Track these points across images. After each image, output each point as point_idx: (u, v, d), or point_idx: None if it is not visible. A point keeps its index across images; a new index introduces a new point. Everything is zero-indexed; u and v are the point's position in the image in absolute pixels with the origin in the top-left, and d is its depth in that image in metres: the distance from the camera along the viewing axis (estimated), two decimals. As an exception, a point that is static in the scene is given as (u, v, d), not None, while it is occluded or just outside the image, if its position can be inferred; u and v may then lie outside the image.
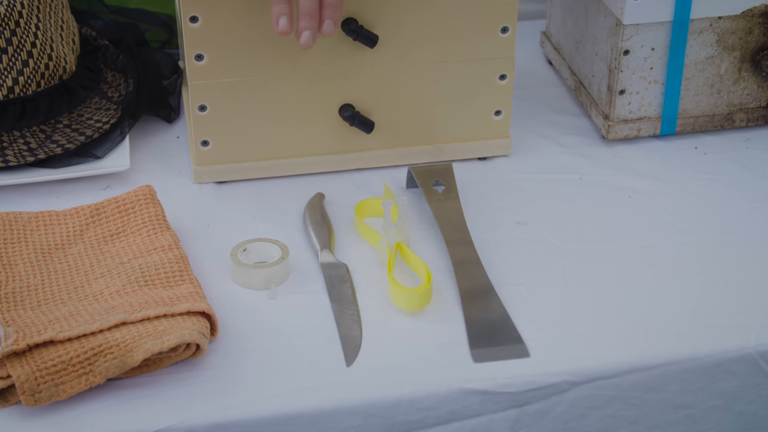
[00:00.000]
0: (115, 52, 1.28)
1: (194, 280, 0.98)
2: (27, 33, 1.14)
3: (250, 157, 1.16)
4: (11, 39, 1.13)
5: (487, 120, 1.19)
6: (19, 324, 0.92)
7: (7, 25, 1.12)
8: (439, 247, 1.07)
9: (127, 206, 1.06)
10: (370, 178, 1.18)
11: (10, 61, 1.14)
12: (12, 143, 1.15)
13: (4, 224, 1.04)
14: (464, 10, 1.12)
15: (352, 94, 1.14)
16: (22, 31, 1.14)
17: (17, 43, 1.14)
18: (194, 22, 1.08)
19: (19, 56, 1.14)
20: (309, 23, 1.01)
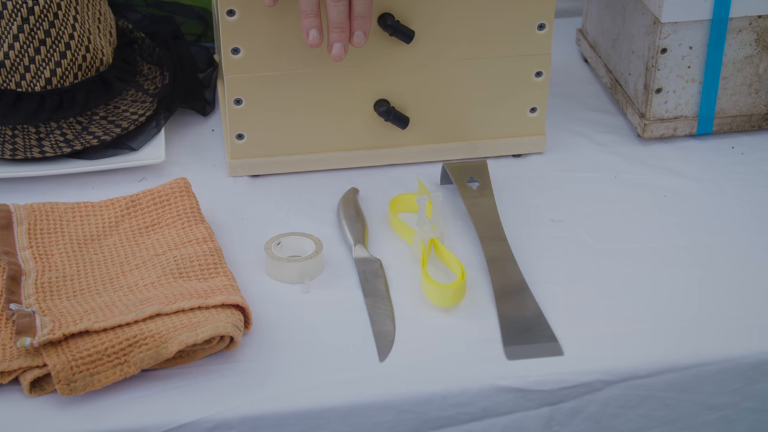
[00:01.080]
0: (151, 45, 1.28)
1: (228, 273, 0.98)
2: (65, 25, 1.15)
3: (284, 151, 1.16)
4: (49, 31, 1.14)
5: (522, 117, 1.18)
6: (54, 314, 0.93)
7: (46, 17, 1.13)
8: (472, 243, 1.07)
9: (163, 198, 1.07)
10: (404, 173, 1.17)
11: (48, 53, 1.15)
12: (49, 134, 1.16)
13: (41, 214, 1.05)
14: (501, 6, 1.11)
15: (388, 89, 1.14)
16: (60, 23, 1.14)
17: (55, 35, 1.14)
18: (231, 16, 1.08)
19: (57, 48, 1.15)
20: (339, 36, 1.02)
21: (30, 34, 1.13)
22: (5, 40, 1.13)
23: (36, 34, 1.13)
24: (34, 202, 1.07)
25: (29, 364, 0.88)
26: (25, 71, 1.15)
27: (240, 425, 0.87)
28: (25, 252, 1.01)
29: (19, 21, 1.13)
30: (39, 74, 1.15)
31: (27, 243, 1.02)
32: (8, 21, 1.13)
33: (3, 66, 1.14)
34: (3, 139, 1.15)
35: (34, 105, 1.16)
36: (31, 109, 1.16)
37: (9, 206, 1.05)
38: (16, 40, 1.13)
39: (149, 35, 1.30)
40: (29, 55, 1.14)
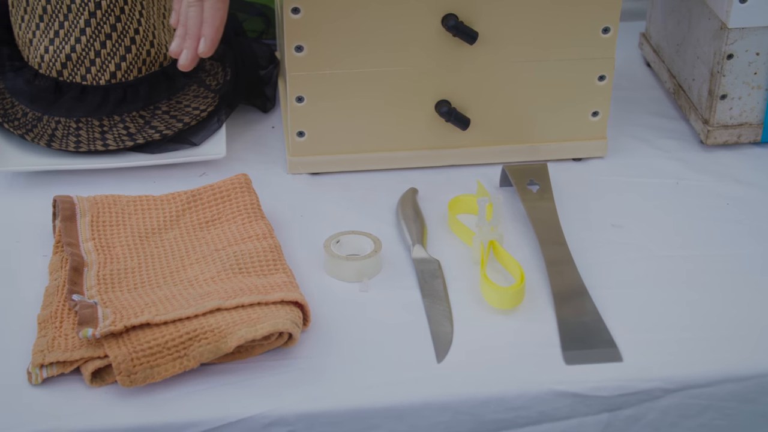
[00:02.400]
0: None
1: (288, 270, 0.99)
2: (131, 20, 1.16)
3: (344, 150, 1.16)
4: (115, 26, 1.15)
5: (583, 121, 1.18)
6: (116, 305, 0.93)
7: (112, 12, 1.14)
8: (531, 246, 1.06)
9: (223, 194, 1.07)
10: (464, 174, 1.17)
11: (113, 48, 1.16)
12: (112, 128, 1.17)
13: (104, 207, 1.06)
14: (566, 9, 1.11)
15: (449, 90, 1.14)
16: (126, 18, 1.15)
17: (121, 29, 1.15)
18: (296, 14, 1.09)
19: (122, 43, 1.16)
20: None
21: (96, 29, 1.15)
22: (72, 34, 1.14)
23: (102, 29, 1.15)
24: (97, 194, 1.08)
25: (91, 355, 0.89)
26: (91, 65, 1.16)
27: (296, 422, 0.87)
28: (88, 244, 1.02)
29: (86, 15, 1.14)
30: (104, 68, 1.16)
31: (89, 235, 1.03)
32: (76, 15, 1.14)
33: (69, 59, 1.16)
34: (67, 132, 1.16)
35: (99, 98, 1.17)
36: (96, 102, 1.17)
37: (73, 198, 1.06)
38: (83, 35, 1.15)
39: None
40: (95, 49, 1.15)
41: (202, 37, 1.01)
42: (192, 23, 1.01)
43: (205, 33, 1.01)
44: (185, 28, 1.02)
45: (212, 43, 1.01)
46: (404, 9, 1.09)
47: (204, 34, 1.01)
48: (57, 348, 0.90)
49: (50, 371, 0.89)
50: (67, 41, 1.15)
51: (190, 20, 1.01)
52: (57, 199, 1.06)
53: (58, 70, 1.17)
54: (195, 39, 1.01)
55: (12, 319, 0.96)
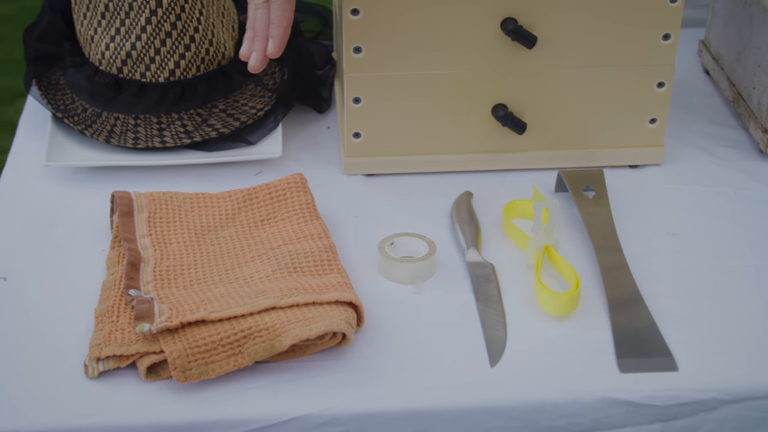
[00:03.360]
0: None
1: (342, 270, 0.99)
2: (191, 19, 1.17)
3: (400, 152, 1.16)
4: (176, 23, 1.16)
5: (641, 127, 1.17)
6: (172, 301, 0.94)
7: (173, 10, 1.15)
8: (586, 252, 1.06)
9: (279, 193, 1.08)
10: (519, 179, 1.17)
11: (173, 46, 1.17)
12: (170, 125, 1.18)
13: (161, 203, 1.07)
14: (626, 14, 1.10)
15: (506, 93, 1.14)
16: (186, 17, 1.16)
17: (181, 27, 1.16)
18: (355, 15, 1.09)
19: (182, 41, 1.17)
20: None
21: (157, 27, 1.16)
22: (133, 31, 1.16)
23: (162, 27, 1.16)
24: (155, 191, 1.09)
25: (146, 350, 0.90)
26: (150, 62, 1.17)
27: (349, 422, 0.88)
28: (145, 239, 1.03)
29: (147, 13, 1.15)
30: (163, 66, 1.17)
31: (147, 230, 1.04)
32: (137, 13, 1.15)
33: (129, 57, 1.17)
34: (126, 128, 1.17)
35: (157, 95, 1.18)
36: (154, 99, 1.18)
37: (131, 194, 1.07)
38: (144, 32, 1.16)
39: None
40: (155, 47, 1.16)
41: (270, 38, 1.02)
42: (260, 25, 1.02)
43: (272, 34, 1.02)
44: (254, 31, 1.02)
45: (280, 44, 1.02)
46: (464, 12, 1.09)
47: (272, 36, 1.02)
48: (113, 342, 0.91)
49: (107, 365, 0.90)
50: (127, 39, 1.16)
51: (258, 22, 1.02)
52: (115, 195, 1.07)
53: (118, 67, 1.18)
54: (263, 40, 1.02)
55: (70, 312, 0.97)
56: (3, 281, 1.01)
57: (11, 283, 1.01)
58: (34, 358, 0.92)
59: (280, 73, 1.25)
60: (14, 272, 1.02)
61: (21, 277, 1.01)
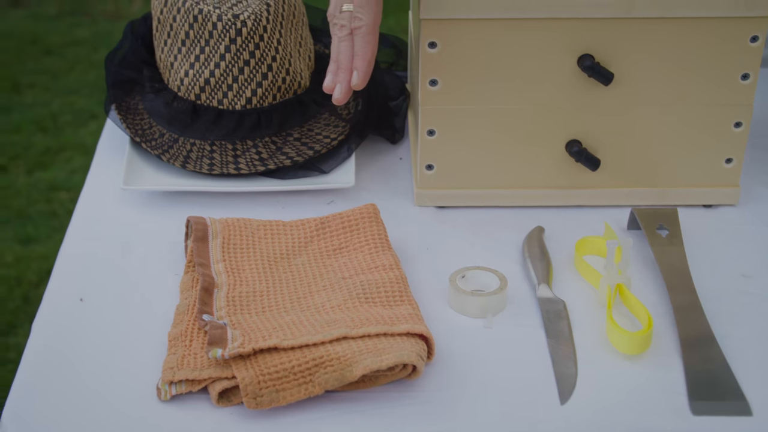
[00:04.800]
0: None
1: (413, 302, 0.99)
2: (269, 47, 1.18)
3: (472, 185, 1.16)
4: (254, 52, 1.18)
5: (716, 167, 1.16)
6: (244, 328, 0.95)
7: (252, 39, 1.17)
8: (659, 291, 1.05)
9: (352, 223, 1.08)
10: (591, 215, 1.16)
11: (250, 74, 1.18)
12: (245, 152, 1.19)
13: (235, 230, 1.08)
14: (705, 53, 1.09)
15: (581, 129, 1.14)
16: (265, 45, 1.18)
17: (259, 56, 1.18)
18: (432, 48, 1.09)
19: (260, 69, 1.18)
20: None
21: (235, 55, 1.17)
22: (212, 59, 1.17)
23: (241, 56, 1.17)
24: (229, 217, 1.10)
25: (219, 375, 0.91)
26: (228, 90, 1.19)
27: (418, 455, 0.88)
28: (219, 265, 1.04)
29: (226, 42, 1.17)
30: (240, 93, 1.19)
31: (221, 256, 1.05)
32: (217, 41, 1.17)
33: (207, 84, 1.19)
34: (202, 154, 1.19)
35: (233, 122, 1.20)
36: (230, 126, 1.20)
37: (206, 220, 1.09)
38: (222, 60, 1.17)
39: None
40: (233, 75, 1.18)
41: (354, 70, 1.03)
42: (344, 57, 1.03)
43: (357, 66, 1.03)
44: (337, 63, 1.04)
45: (365, 76, 1.03)
46: (541, 47, 1.09)
47: (356, 68, 1.03)
48: (186, 366, 0.92)
49: (179, 388, 0.91)
50: (206, 66, 1.18)
51: (342, 54, 1.03)
52: (191, 220, 1.08)
53: (196, 93, 1.20)
54: (348, 72, 1.03)
55: (144, 335, 0.98)
56: (80, 302, 1.02)
57: (88, 304, 1.02)
58: (108, 379, 0.93)
59: (354, 103, 1.26)
60: (91, 294, 1.04)
61: (97, 299, 1.03)
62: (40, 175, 2.61)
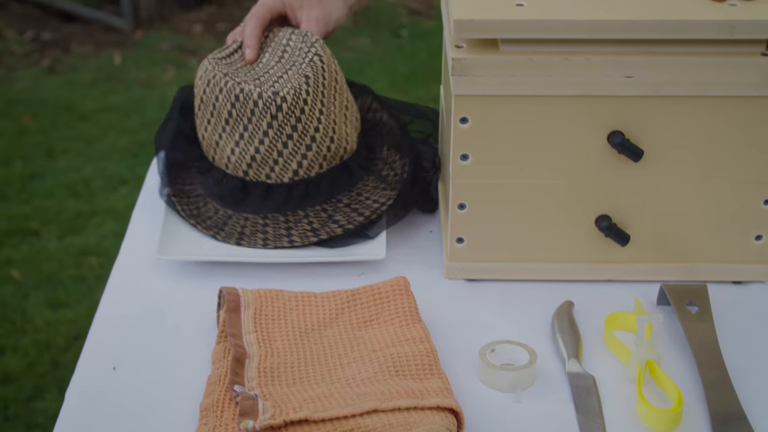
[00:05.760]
0: (396, 127, 1.31)
1: (443, 375, 1.00)
2: (311, 119, 1.20)
3: (502, 258, 1.17)
4: (296, 126, 1.19)
5: (746, 243, 1.16)
6: (275, 399, 0.96)
7: (293, 113, 1.19)
8: (689, 368, 1.05)
9: (382, 295, 1.09)
10: (621, 290, 1.17)
11: (294, 147, 1.20)
12: (297, 223, 1.21)
13: (267, 300, 1.09)
14: (734, 131, 1.10)
15: (610, 204, 1.15)
16: (306, 118, 1.19)
17: (301, 129, 1.20)
18: (464, 123, 1.11)
19: (303, 142, 1.20)
20: None
21: (278, 131, 1.19)
22: (256, 136, 1.19)
23: (284, 131, 1.19)
24: (261, 287, 1.12)
25: (250, 446, 0.91)
26: (274, 164, 1.21)
27: None
28: (251, 336, 1.05)
29: (268, 118, 1.18)
30: (286, 167, 1.21)
31: (252, 327, 1.06)
32: (258, 119, 1.19)
33: (254, 160, 1.21)
34: (255, 230, 1.21)
35: (283, 195, 1.22)
36: (281, 199, 1.22)
37: (238, 290, 1.10)
38: (266, 136, 1.19)
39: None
40: (277, 150, 1.20)
41: None
42: None
43: None
44: None
45: None
46: (571, 124, 1.10)
47: None
48: (217, 437, 0.93)
49: (210, 459, 0.91)
50: (251, 143, 1.20)
51: None
52: (223, 291, 1.10)
53: (244, 170, 1.22)
54: None
55: (176, 404, 0.99)
56: (112, 371, 1.03)
57: (120, 372, 1.03)
58: (139, 448, 0.94)
59: (400, 163, 1.27)
60: (123, 362, 1.05)
61: (129, 367, 1.04)
62: (71, 240, 2.64)
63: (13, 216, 2.72)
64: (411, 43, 3.66)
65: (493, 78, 1.08)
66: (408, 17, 3.95)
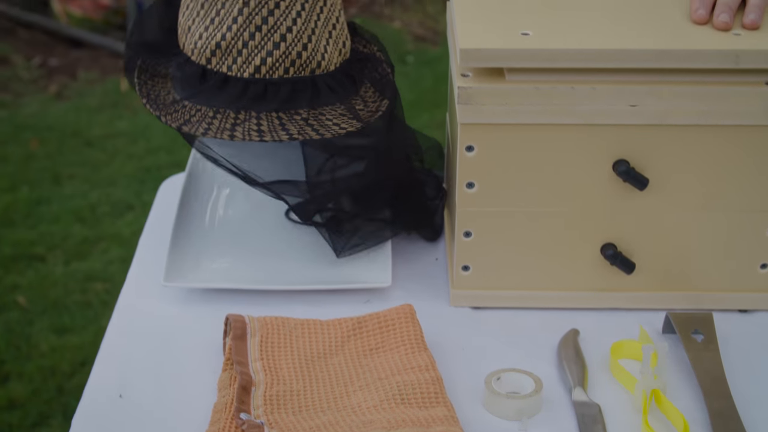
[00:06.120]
0: (386, 72, 1.25)
1: (448, 404, 1.00)
2: (285, 16, 1.15)
3: (508, 286, 1.17)
4: (267, 18, 1.15)
5: (751, 272, 1.16)
6: (281, 427, 0.96)
7: (266, 3, 1.14)
8: (695, 397, 1.05)
9: (388, 323, 1.10)
10: (626, 318, 1.17)
11: (262, 40, 1.15)
12: (245, 121, 1.16)
13: (273, 328, 1.09)
14: (740, 160, 1.11)
15: (616, 233, 1.15)
16: (280, 13, 1.15)
17: (273, 23, 1.15)
18: (470, 152, 1.12)
19: (272, 37, 1.15)
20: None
21: (248, 18, 1.14)
22: (225, 21, 1.15)
23: (253, 19, 1.14)
24: (267, 315, 1.12)
25: (255, 475, 0.91)
26: (237, 55, 1.16)
27: None
28: (257, 363, 1.05)
29: (240, 4, 1.14)
30: (249, 60, 1.16)
31: (258, 355, 1.06)
32: (232, 2, 1.15)
33: (219, 47, 1.16)
34: (202, 119, 1.16)
35: (238, 90, 1.16)
36: (234, 93, 1.16)
37: (244, 318, 1.10)
38: (234, 23, 1.15)
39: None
40: (243, 39, 1.15)
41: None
42: None
43: None
44: None
45: None
46: (576, 152, 1.11)
47: None
48: (223, 465, 0.93)
49: (216, 487, 0.91)
50: (219, 29, 1.16)
51: None
52: (229, 318, 1.10)
53: (207, 57, 1.17)
54: None
55: None
56: (119, 398, 1.03)
57: (126, 400, 1.03)
58: (145, 476, 0.94)
59: (376, 104, 1.22)
60: (129, 389, 1.05)
61: (135, 395, 1.04)
62: (77, 265, 2.65)
63: (20, 241, 2.73)
64: (416, 70, 3.67)
65: (499, 107, 1.09)
66: (414, 44, 3.96)
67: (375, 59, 1.27)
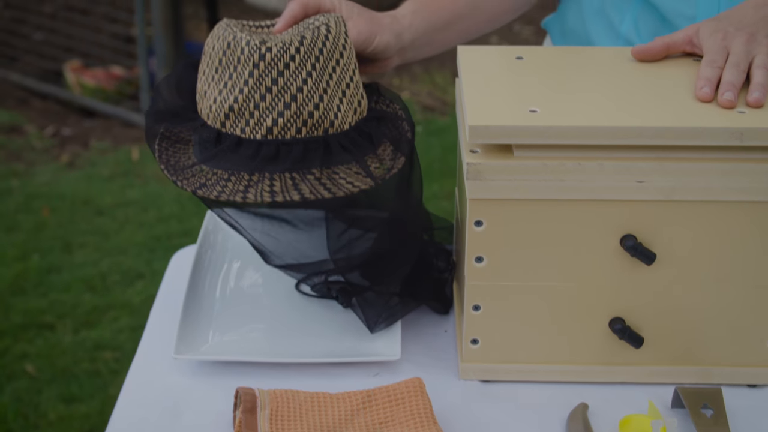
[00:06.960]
0: (406, 130, 1.25)
1: (458, 478, 1.00)
2: (296, 77, 1.16)
3: (517, 359, 1.18)
4: (277, 80, 1.16)
5: (760, 347, 1.17)
6: (291, 501, 0.96)
7: (276, 65, 1.15)
8: (704, 473, 1.05)
9: (398, 396, 1.10)
10: (635, 392, 1.17)
11: (273, 101, 1.16)
12: (258, 182, 1.17)
13: (283, 401, 1.10)
14: (747, 236, 1.12)
15: (624, 307, 1.16)
16: (290, 74, 1.16)
17: (283, 84, 1.16)
18: (478, 226, 1.13)
19: (282, 98, 1.16)
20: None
21: (258, 80, 1.16)
22: (237, 84, 1.17)
23: (264, 81, 1.16)
24: (276, 388, 1.12)
25: None
26: (250, 117, 1.17)
27: None
28: (266, 436, 1.05)
29: (250, 66, 1.16)
30: (261, 121, 1.17)
31: (269, 427, 1.07)
32: (243, 65, 1.16)
33: (232, 110, 1.17)
34: (216, 182, 1.17)
35: (251, 151, 1.17)
36: (248, 155, 1.17)
37: (254, 391, 1.10)
38: (246, 85, 1.16)
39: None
40: (255, 101, 1.16)
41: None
42: None
43: None
44: None
45: None
46: (584, 228, 1.12)
47: None
48: None
49: None
50: (231, 93, 1.17)
51: None
52: (240, 391, 1.10)
53: (222, 121, 1.18)
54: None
55: (191, 506, 0.99)
56: (128, 471, 1.04)
57: (136, 473, 1.04)
58: None
59: (392, 161, 1.22)
60: (139, 462, 1.05)
61: (145, 468, 1.04)
62: (86, 334, 2.65)
63: (30, 310, 2.74)
64: (425, 140, 3.70)
65: (508, 182, 1.10)
66: (422, 113, 4.00)
67: (395, 117, 1.28)
